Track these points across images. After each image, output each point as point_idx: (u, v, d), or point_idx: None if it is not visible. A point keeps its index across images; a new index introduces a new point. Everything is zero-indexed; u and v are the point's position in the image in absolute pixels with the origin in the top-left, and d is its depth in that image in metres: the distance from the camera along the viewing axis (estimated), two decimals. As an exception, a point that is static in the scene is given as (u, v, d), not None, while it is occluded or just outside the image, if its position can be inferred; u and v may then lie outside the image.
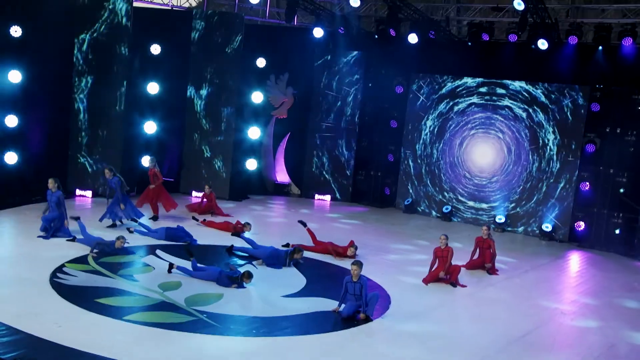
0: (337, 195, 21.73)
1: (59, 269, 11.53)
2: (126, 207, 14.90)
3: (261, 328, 9.78)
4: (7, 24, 16.26)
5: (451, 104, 20.05)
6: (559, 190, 18.51)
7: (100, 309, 9.89)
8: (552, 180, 18.58)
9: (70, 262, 12.00)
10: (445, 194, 20.22)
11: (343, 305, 10.60)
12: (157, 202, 16.27)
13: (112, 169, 15.18)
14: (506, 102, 19.17)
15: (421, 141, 20.67)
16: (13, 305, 9.77)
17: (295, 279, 12.48)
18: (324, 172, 21.78)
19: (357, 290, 10.52)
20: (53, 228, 13.52)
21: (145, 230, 14.51)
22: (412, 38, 19.19)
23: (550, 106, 18.57)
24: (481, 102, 19.58)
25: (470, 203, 19.85)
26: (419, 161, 20.72)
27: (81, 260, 12.18)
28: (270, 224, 17.97)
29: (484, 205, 19.65)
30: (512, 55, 19.00)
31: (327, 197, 21.67)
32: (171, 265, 11.88)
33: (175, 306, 10.30)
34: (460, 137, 20.01)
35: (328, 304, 11.01)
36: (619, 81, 17.75)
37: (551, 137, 18.61)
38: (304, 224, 15.03)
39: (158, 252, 13.30)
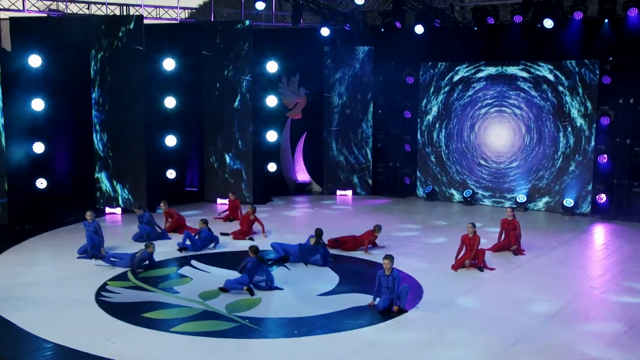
0: (358, 189, 22.09)
1: (103, 288, 12.00)
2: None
3: (301, 328, 10.16)
4: (26, 54, 16.78)
5: (464, 91, 20.36)
6: (577, 165, 18.73)
7: (148, 323, 10.34)
8: (569, 155, 18.82)
9: (112, 280, 12.47)
10: (466, 179, 20.56)
11: (378, 299, 10.96)
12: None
13: (140, 205, 16.06)
14: (516, 85, 19.41)
15: (434, 127, 20.96)
16: (65, 326, 10.24)
17: (328, 277, 12.85)
18: (343, 168, 22.14)
19: (390, 283, 10.88)
20: (92, 252, 13.98)
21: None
22: (419, 29, 19.45)
23: (562, 83, 18.76)
24: (492, 88, 19.84)
25: (489, 189, 20.18)
26: (435, 147, 21.03)
27: (122, 277, 12.64)
28: (296, 223, 18.30)
29: (504, 188, 19.97)
30: (519, 36, 19.17)
31: (349, 192, 22.04)
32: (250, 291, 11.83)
33: (217, 314, 10.71)
34: (475, 123, 20.28)
35: (363, 299, 11.36)
36: (628, 52, 17.90)
37: (566, 112, 18.81)
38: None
39: (193, 262, 13.74)
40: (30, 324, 10.20)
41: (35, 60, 16.90)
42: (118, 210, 18.55)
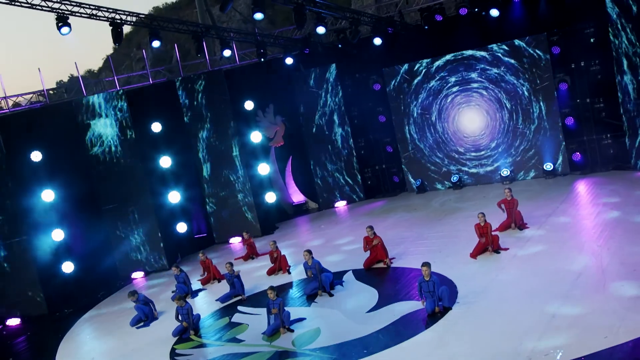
0: (352, 197, 23.41)
1: (173, 353, 13.01)
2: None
3: (369, 346, 11.36)
4: (28, 150, 17.62)
5: (429, 86, 21.84)
6: (548, 130, 20.38)
7: (232, 376, 11.46)
8: (539, 124, 20.46)
9: (177, 343, 13.48)
10: (450, 165, 22.06)
11: (425, 302, 12.21)
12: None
13: (178, 265, 17.01)
14: (476, 71, 20.96)
15: (412, 126, 22.41)
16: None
17: (367, 293, 14.02)
18: (334, 180, 23.41)
19: (431, 287, 12.17)
20: (149, 319, 15.02)
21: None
22: (377, 41, 20.78)
23: (517, 60, 20.35)
24: (455, 77, 21.34)
25: (474, 170, 21.72)
26: (416, 144, 22.49)
27: (185, 339, 13.65)
28: (307, 244, 19.42)
29: (487, 167, 21.52)
30: (468, 26, 20.68)
31: (344, 203, 23.34)
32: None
33: (289, 352, 11.84)
34: (447, 112, 21.79)
35: (408, 307, 12.60)
36: (569, 21, 19.57)
37: (527, 88, 20.42)
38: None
39: (240, 308, 14.83)
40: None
41: (35, 155, 17.73)
42: (142, 274, 19.53)
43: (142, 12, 17.84)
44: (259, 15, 16.57)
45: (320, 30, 18.76)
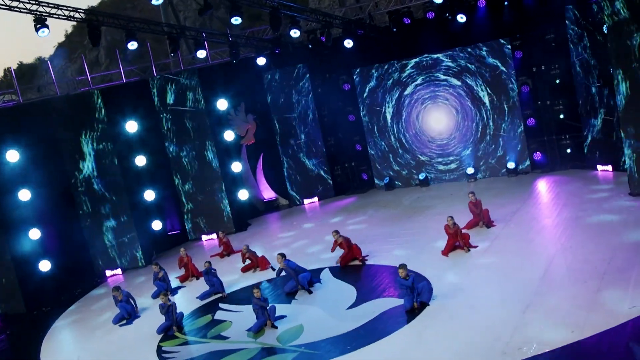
0: (323, 194, 24.02)
1: (160, 350, 13.41)
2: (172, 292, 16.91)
3: (352, 342, 11.93)
4: (4, 150, 17.67)
5: (399, 88, 22.57)
6: (511, 130, 21.33)
7: (221, 372, 11.95)
8: (502, 124, 21.39)
9: (162, 341, 13.87)
10: (417, 163, 22.86)
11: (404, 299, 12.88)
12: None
13: (158, 263, 17.32)
14: (442, 73, 21.76)
15: (382, 125, 23.12)
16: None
17: (345, 290, 14.62)
18: (304, 177, 23.97)
19: (409, 284, 12.83)
20: (132, 317, 15.35)
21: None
22: (348, 43, 21.31)
23: (482, 63, 21.21)
24: (423, 80, 22.12)
25: (441, 166, 22.57)
26: (385, 143, 23.21)
27: (170, 336, 14.04)
28: (278, 242, 19.94)
29: (453, 165, 22.40)
30: (435, 29, 21.46)
31: (315, 199, 23.93)
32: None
33: (275, 349, 12.38)
34: (415, 112, 22.55)
35: (386, 303, 13.24)
36: (531, 26, 20.50)
37: (491, 90, 21.31)
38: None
39: (221, 305, 15.29)
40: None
41: (12, 155, 17.77)
42: (119, 271, 19.79)
43: (101, 6, 17.97)
44: (237, 20, 16.96)
45: (295, 33, 19.18)
